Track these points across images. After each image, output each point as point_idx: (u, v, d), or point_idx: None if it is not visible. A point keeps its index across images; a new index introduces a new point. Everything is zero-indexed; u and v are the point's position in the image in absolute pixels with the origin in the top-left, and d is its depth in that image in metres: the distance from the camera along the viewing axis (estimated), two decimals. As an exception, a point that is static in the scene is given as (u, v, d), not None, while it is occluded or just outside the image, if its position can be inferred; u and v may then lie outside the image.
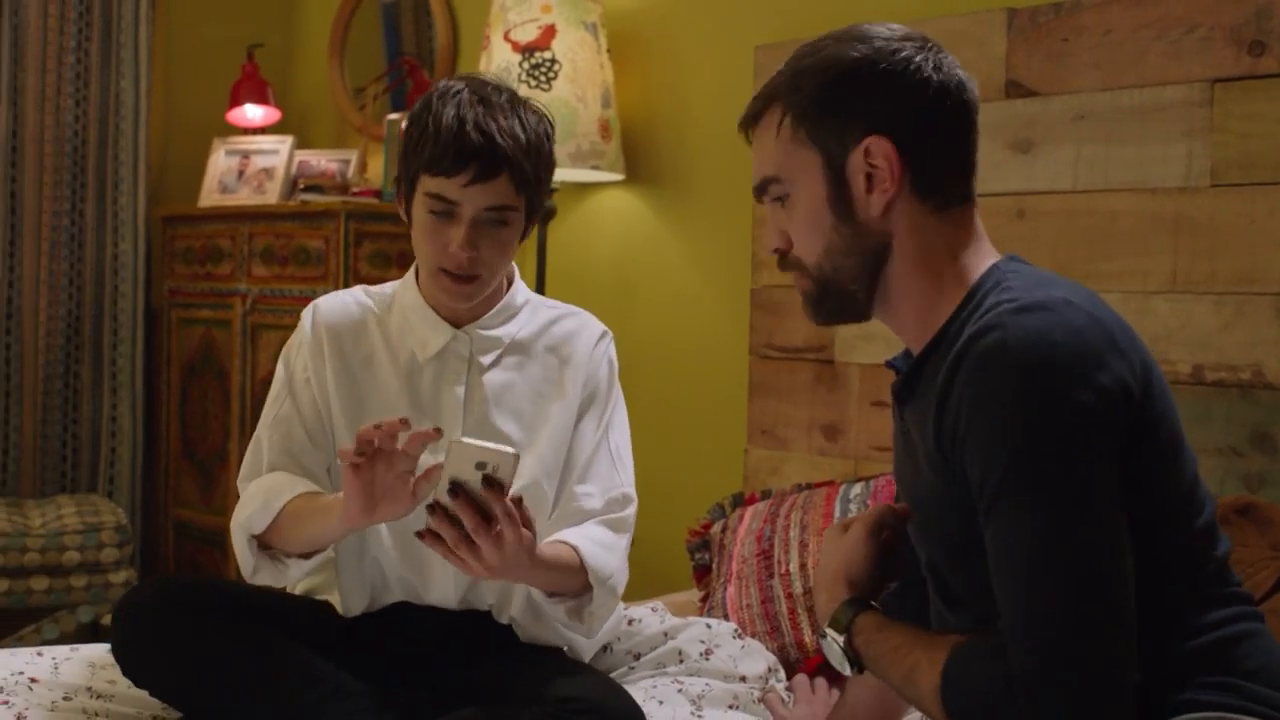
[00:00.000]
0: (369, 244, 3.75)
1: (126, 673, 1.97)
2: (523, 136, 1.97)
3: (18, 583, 3.68)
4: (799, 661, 2.41)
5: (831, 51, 1.54)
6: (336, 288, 3.67)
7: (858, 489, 2.58)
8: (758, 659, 2.30)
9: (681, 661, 2.27)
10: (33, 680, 2.02)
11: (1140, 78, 2.47)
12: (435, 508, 1.71)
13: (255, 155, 4.29)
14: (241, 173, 4.28)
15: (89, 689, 2.03)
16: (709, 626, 2.35)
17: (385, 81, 4.42)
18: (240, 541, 2.01)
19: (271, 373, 3.82)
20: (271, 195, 4.17)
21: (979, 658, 1.42)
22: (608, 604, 2.02)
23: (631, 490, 2.12)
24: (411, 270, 2.15)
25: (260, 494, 1.99)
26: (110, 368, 4.36)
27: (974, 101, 1.56)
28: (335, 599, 2.13)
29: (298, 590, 2.17)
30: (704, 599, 2.66)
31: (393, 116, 3.94)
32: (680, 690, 2.17)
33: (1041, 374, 1.37)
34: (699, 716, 2.11)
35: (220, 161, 4.32)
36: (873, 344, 2.91)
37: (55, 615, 3.74)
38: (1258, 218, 2.33)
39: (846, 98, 1.53)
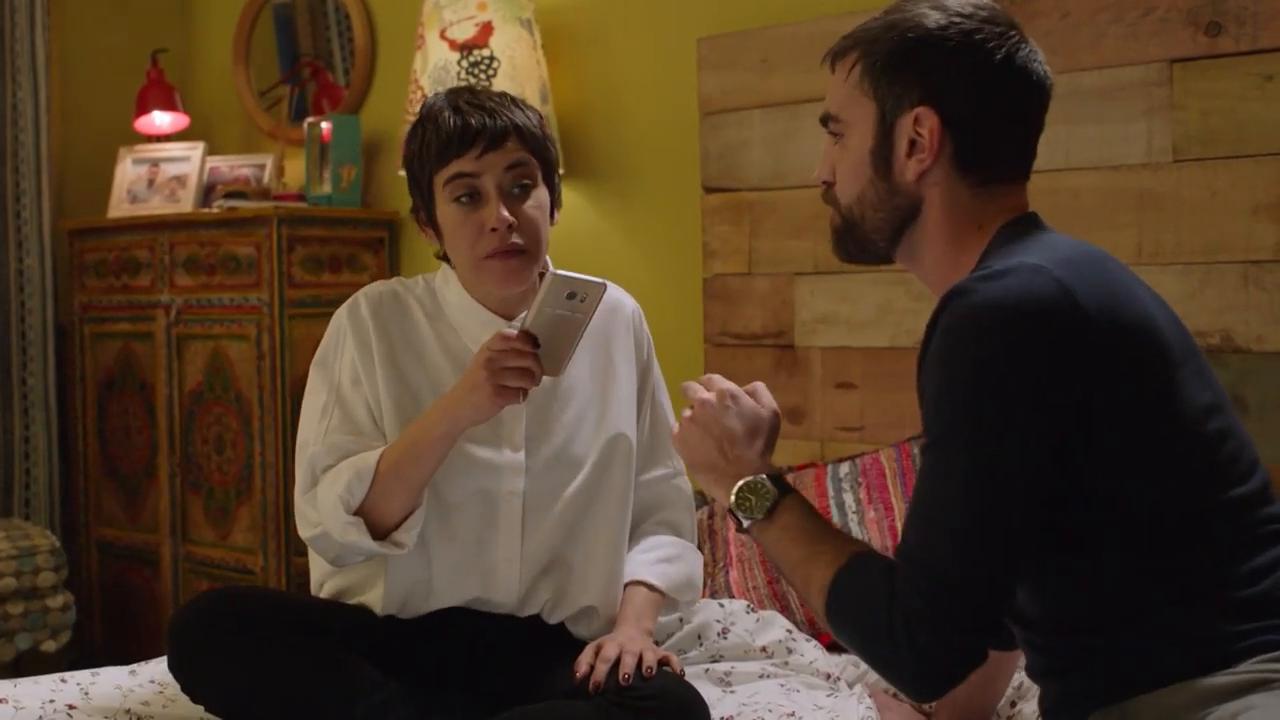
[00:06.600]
0: (301, 249, 3.70)
1: (185, 688, 1.95)
2: (518, 109, 2.09)
3: (-49, 612, 3.56)
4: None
5: (917, 15, 1.61)
6: (272, 294, 3.63)
7: (845, 468, 2.64)
8: (774, 627, 2.36)
9: (701, 643, 2.32)
10: (70, 707, 1.99)
11: (1099, 60, 2.58)
12: (524, 335, 1.88)
13: (165, 163, 4.18)
14: (151, 181, 4.17)
15: (126, 711, 2.00)
16: (722, 606, 2.40)
17: (286, 86, 4.35)
18: (344, 538, 1.98)
19: (201, 384, 3.79)
20: (185, 203, 4.07)
21: (869, 570, 1.52)
22: (691, 594, 2.23)
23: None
24: (445, 270, 2.16)
25: (345, 470, 1.98)
26: (21, 387, 4.22)
27: (1045, 91, 1.63)
28: (370, 600, 2.10)
29: (325, 593, 2.14)
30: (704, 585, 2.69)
31: (312, 120, 3.90)
32: (706, 672, 2.23)
33: (989, 336, 1.46)
34: (731, 692, 2.17)
35: (128, 171, 4.21)
36: (833, 328, 2.98)
37: (-8, 644, 3.63)
38: (1220, 190, 2.45)
39: (913, 63, 1.60)
